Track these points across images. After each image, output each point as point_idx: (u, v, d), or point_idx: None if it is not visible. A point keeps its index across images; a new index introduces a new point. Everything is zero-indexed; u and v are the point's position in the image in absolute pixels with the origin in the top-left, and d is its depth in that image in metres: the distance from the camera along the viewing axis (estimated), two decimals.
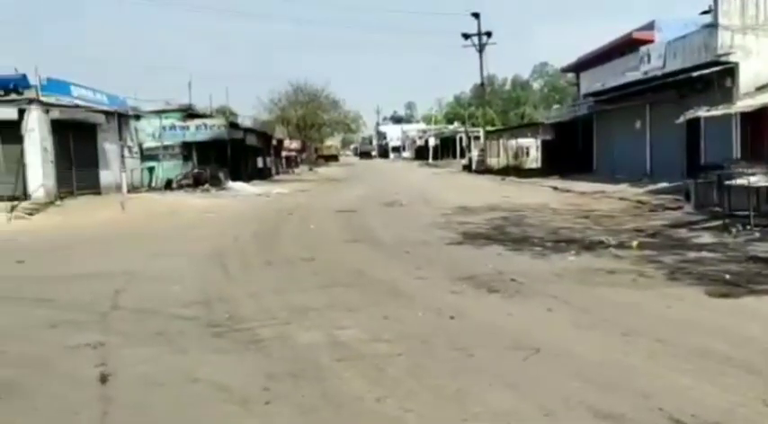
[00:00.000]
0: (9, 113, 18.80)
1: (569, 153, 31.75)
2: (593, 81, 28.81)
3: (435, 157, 71.56)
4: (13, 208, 17.87)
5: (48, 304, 7.45)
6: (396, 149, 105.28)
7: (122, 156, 23.09)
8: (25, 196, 19.25)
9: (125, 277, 8.89)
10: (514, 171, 36.32)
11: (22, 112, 19.26)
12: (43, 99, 19.86)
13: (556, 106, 53.86)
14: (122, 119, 23.93)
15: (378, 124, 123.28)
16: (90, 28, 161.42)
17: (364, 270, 8.94)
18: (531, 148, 41.51)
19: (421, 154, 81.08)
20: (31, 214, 18.05)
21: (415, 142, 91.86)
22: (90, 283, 8.68)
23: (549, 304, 6.64)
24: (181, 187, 26.48)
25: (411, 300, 7.04)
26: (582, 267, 8.67)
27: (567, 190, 23.50)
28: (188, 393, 4.44)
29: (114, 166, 23.37)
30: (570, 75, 49.50)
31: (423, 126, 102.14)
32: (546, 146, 36.22)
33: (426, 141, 79.80)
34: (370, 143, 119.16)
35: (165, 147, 27.61)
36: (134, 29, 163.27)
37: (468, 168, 45.54)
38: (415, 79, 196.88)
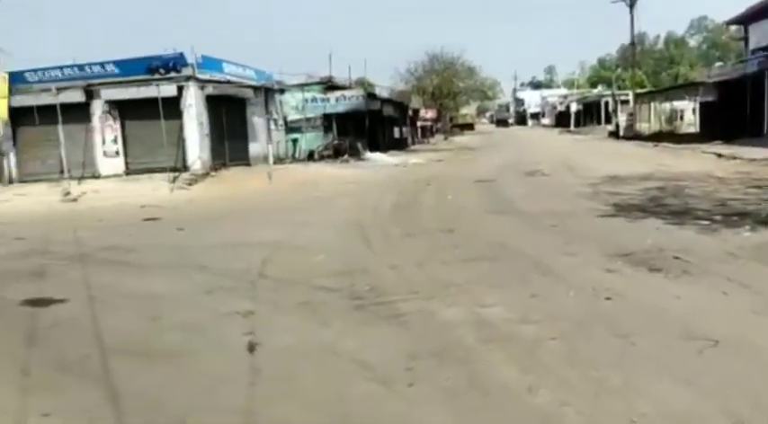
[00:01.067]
0: (170, 90, 20.36)
1: (734, 115, 28.38)
2: (767, 33, 25.33)
3: (578, 124, 67.74)
4: (174, 179, 19.44)
5: (203, 271, 7.89)
6: (534, 116, 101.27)
7: (269, 129, 24.23)
8: (184, 167, 20.87)
9: (272, 246, 9.21)
10: (668, 136, 33.33)
11: (180, 89, 20.79)
12: (199, 76, 21.26)
13: (718, 64, 48.48)
14: (269, 93, 25.04)
15: (515, 90, 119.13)
16: (240, 5, 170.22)
17: (507, 244, 8.50)
18: (687, 111, 37.82)
19: (561, 120, 77.22)
20: (190, 184, 19.53)
21: (555, 108, 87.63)
22: (240, 251, 9.11)
23: (723, 286, 5.84)
24: (322, 158, 27.34)
25: (560, 278, 6.53)
26: (760, 243, 7.59)
27: (734, 157, 21.04)
28: (331, 367, 4.40)
29: (262, 138, 24.60)
30: (735, 29, 44.20)
31: (563, 91, 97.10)
32: (706, 109, 32.75)
33: (568, 107, 75.72)
34: (507, 110, 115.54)
35: (308, 119, 28.59)
36: (278, 5, 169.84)
37: (614, 134, 42.58)
38: (555, 42, 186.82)
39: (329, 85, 30.56)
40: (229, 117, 23.06)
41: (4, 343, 5.47)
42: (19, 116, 21.96)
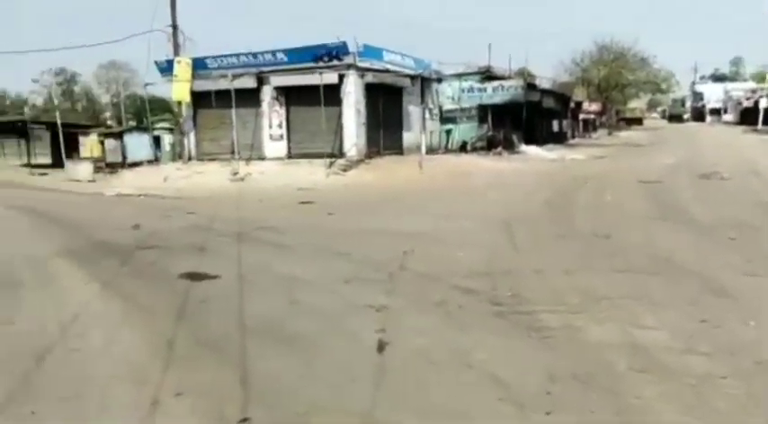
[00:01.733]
0: (331, 78, 21.10)
1: None
2: None
3: (767, 122, 60.02)
4: (330, 165, 20.15)
5: (345, 257, 7.96)
6: (714, 112, 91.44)
7: (423, 118, 24.25)
8: (341, 154, 21.55)
9: (415, 237, 9.09)
10: None
11: (341, 77, 21.46)
12: (359, 64, 21.77)
13: None
14: (425, 82, 25.03)
15: (693, 83, 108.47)
16: None
17: (673, 256, 7.56)
18: None
19: (747, 117, 68.71)
20: (344, 170, 20.12)
21: (740, 104, 78.38)
22: (383, 240, 9.09)
23: None
24: (474, 149, 26.85)
25: (738, 302, 5.62)
26: None
27: None
28: (462, 379, 4.10)
29: (416, 128, 24.70)
30: None
31: (752, 85, 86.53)
32: None
33: (756, 102, 67.30)
34: (683, 105, 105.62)
35: (463, 110, 28.19)
36: None
37: None
38: (744, 32, 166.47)
39: (487, 75, 29.85)
40: (386, 105, 23.40)
41: (160, 314, 5.86)
42: (199, 99, 24.08)
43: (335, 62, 21.47)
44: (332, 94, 21.20)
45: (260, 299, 6.13)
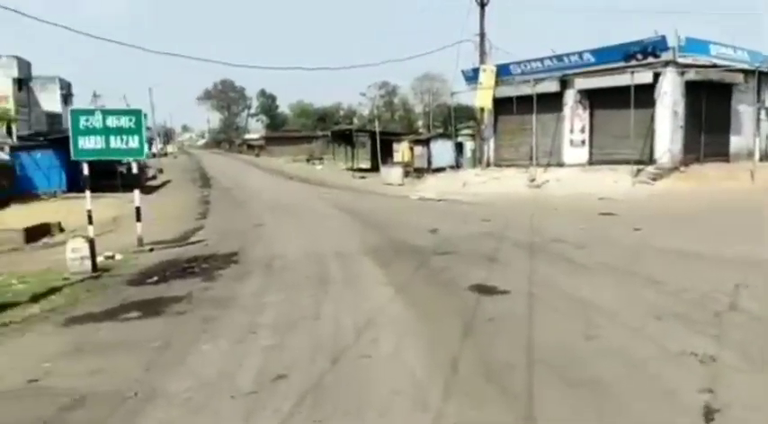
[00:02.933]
0: (644, 77, 18.99)
1: None
2: None
3: None
4: (637, 173, 18.20)
5: (656, 286, 6.78)
6: None
7: (758, 120, 20.27)
8: (650, 161, 19.31)
9: (751, 267, 7.36)
10: None
11: (656, 76, 19.18)
12: (679, 60, 19.20)
13: None
14: (763, 76, 20.91)
15: None
16: None
17: None
18: None
19: None
20: (654, 179, 17.99)
21: None
22: (705, 267, 7.59)
23: None
24: None
25: None
26: None
27: None
28: None
29: (747, 131, 20.83)
30: None
31: None
32: None
33: None
34: None
35: None
36: None
37: None
38: None
39: None
40: (709, 105, 20.20)
41: (447, 327, 5.65)
42: (500, 105, 24.17)
43: (651, 59, 19.32)
44: (644, 95, 19.09)
45: (551, 326, 5.48)
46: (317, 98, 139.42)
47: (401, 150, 32.01)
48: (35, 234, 14.82)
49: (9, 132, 25.92)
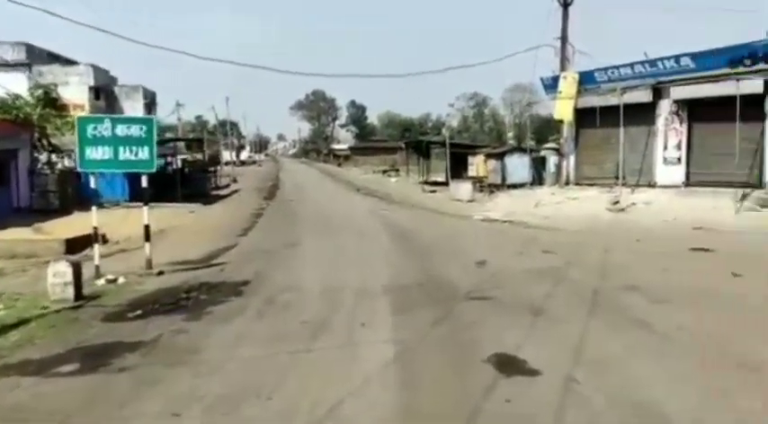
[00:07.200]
0: (753, 86, 16.06)
1: None
2: None
3: None
4: (743, 197, 15.36)
5: (747, 376, 4.66)
6: None
7: None
8: (759, 184, 16.32)
9: None
10: None
11: (767, 84, 16.22)
12: None
13: None
14: None
15: None
16: None
17: None
18: None
19: None
20: (763, 206, 15.08)
21: None
22: None
23: None
24: None
25: None
26: None
27: None
28: None
29: None
30: None
31: None
32: None
33: None
34: None
35: None
36: None
37: None
38: None
39: None
40: None
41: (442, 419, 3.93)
42: (582, 117, 21.68)
43: (762, 65, 16.37)
44: (752, 107, 16.19)
45: None
46: (405, 109, 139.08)
47: (476, 164, 29.99)
48: (78, 244, 14.22)
49: None
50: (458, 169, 30.62)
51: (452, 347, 5.86)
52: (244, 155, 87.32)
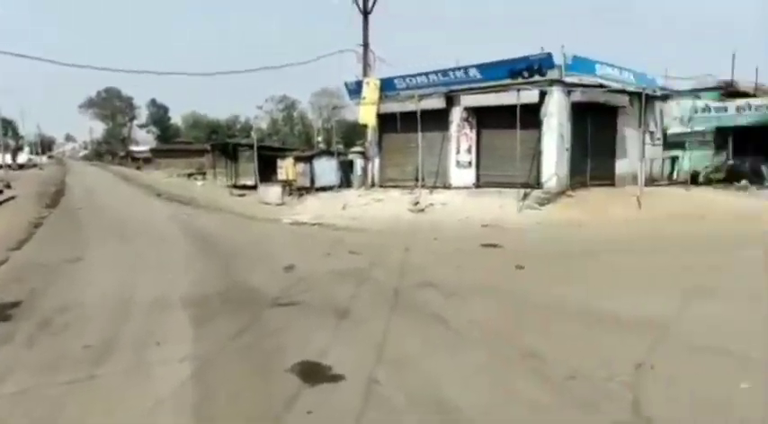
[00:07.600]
0: (530, 96, 17.99)
1: None
2: None
3: None
4: (524, 197, 17.10)
5: (533, 366, 5.06)
6: None
7: (643, 144, 19.98)
8: (537, 184, 18.33)
9: (652, 331, 5.87)
10: None
11: (542, 95, 18.26)
12: (566, 79, 18.42)
13: None
14: (648, 100, 20.72)
15: None
16: None
17: None
18: None
19: None
20: (541, 204, 16.94)
21: None
22: (604, 335, 5.98)
23: None
24: (709, 182, 21.69)
25: None
26: None
27: None
28: None
29: (632, 155, 20.51)
30: None
31: None
32: None
33: None
34: None
35: (694, 133, 23.13)
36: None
37: None
38: None
39: (728, 92, 24.34)
40: (595, 128, 19.64)
41: None
42: (385, 122, 22.57)
43: (537, 77, 18.40)
44: (530, 115, 18.12)
45: None
46: (212, 110, 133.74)
47: (285, 167, 29.70)
48: None
49: None
50: (267, 172, 30.04)
51: (256, 357, 5.57)
52: (22, 158, 77.04)
